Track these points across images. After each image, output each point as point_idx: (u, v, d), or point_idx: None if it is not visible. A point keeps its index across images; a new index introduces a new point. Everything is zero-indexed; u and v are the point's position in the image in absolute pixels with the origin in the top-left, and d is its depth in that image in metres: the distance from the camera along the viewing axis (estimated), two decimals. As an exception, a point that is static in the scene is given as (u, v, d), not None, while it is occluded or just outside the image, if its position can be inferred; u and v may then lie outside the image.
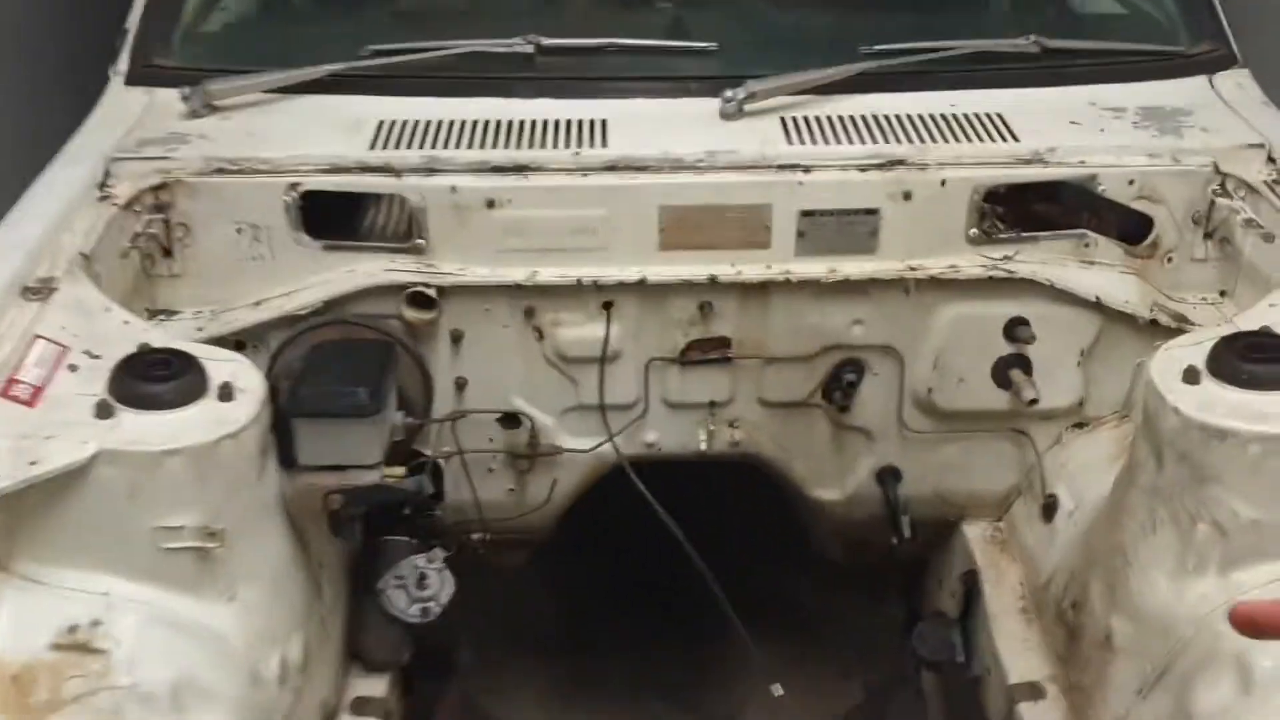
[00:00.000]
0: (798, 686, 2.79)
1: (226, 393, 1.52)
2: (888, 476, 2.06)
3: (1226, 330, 1.56)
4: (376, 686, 1.89)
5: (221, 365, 1.58)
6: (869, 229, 1.83)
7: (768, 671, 2.03)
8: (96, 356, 1.54)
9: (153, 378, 1.49)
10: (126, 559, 1.46)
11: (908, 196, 1.81)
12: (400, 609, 1.85)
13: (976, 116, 1.91)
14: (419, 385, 1.90)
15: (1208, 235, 1.89)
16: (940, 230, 1.84)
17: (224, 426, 1.48)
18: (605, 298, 1.87)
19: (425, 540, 2.01)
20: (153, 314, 1.90)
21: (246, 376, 1.57)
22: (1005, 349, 1.91)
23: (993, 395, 1.94)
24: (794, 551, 2.46)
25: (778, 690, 1.94)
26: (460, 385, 1.95)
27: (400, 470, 1.65)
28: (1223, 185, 1.85)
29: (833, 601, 2.67)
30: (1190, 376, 1.50)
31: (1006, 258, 1.86)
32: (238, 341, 1.87)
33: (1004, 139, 1.87)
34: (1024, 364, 1.91)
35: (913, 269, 1.85)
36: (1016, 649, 1.91)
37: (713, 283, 1.85)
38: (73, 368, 1.53)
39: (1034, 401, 1.87)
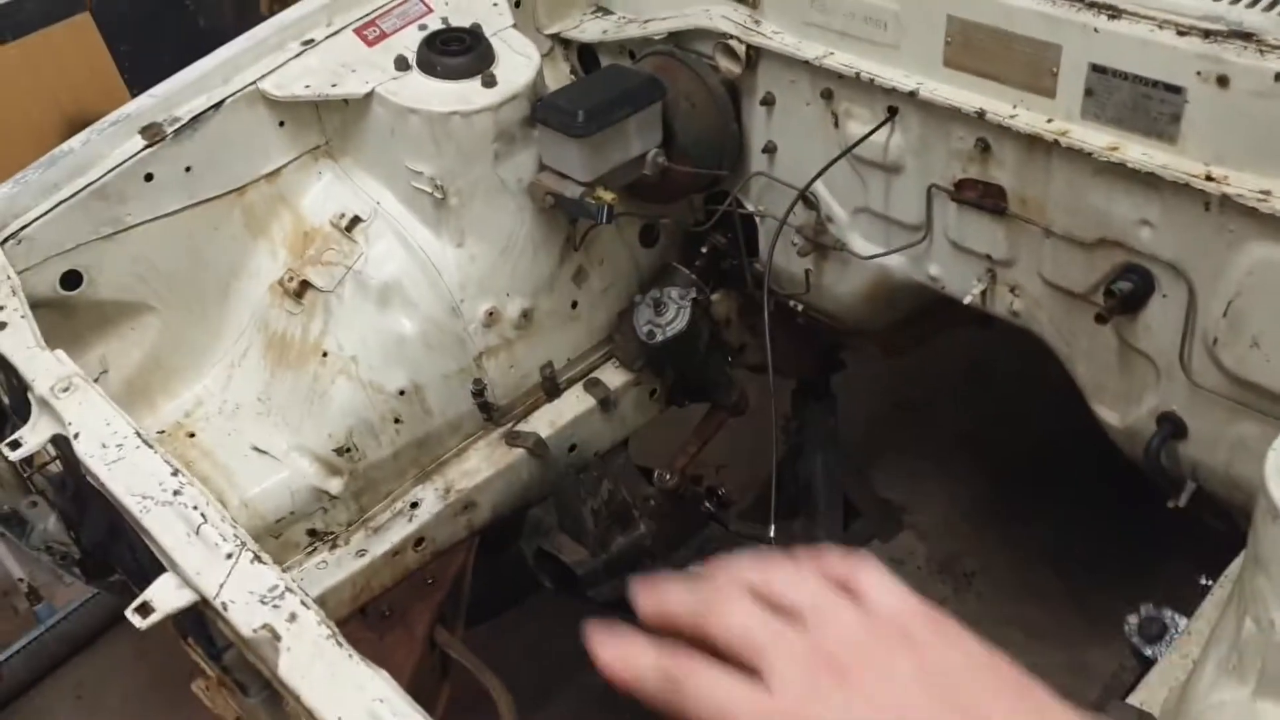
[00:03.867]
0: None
1: (490, 80, 1.83)
2: (1168, 425, 1.67)
3: None
4: (615, 377, 2.17)
5: (511, 58, 1.88)
6: (1170, 111, 1.42)
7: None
8: (445, 23, 1.93)
9: (445, 51, 1.85)
10: (394, 183, 1.91)
11: (1223, 83, 1.36)
12: (638, 322, 2.08)
13: None
14: (728, 138, 1.99)
15: None
16: (1265, 141, 1.36)
17: (460, 105, 1.80)
18: (890, 102, 1.74)
19: (712, 282, 2.19)
20: (596, 8, 2.21)
21: (519, 76, 1.85)
22: (1322, 327, 1.40)
23: (1293, 379, 1.45)
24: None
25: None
26: (769, 150, 1.99)
27: (609, 195, 1.82)
28: None
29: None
30: (1337, 433, 1.05)
31: (1352, 207, 1.32)
32: (630, 51, 2.11)
33: None
34: (1342, 357, 1.39)
35: (1212, 179, 1.41)
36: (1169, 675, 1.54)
37: (981, 118, 1.61)
38: (422, 27, 1.94)
39: (1302, 404, 1.37)
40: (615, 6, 2.16)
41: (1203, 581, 1.61)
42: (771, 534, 1.97)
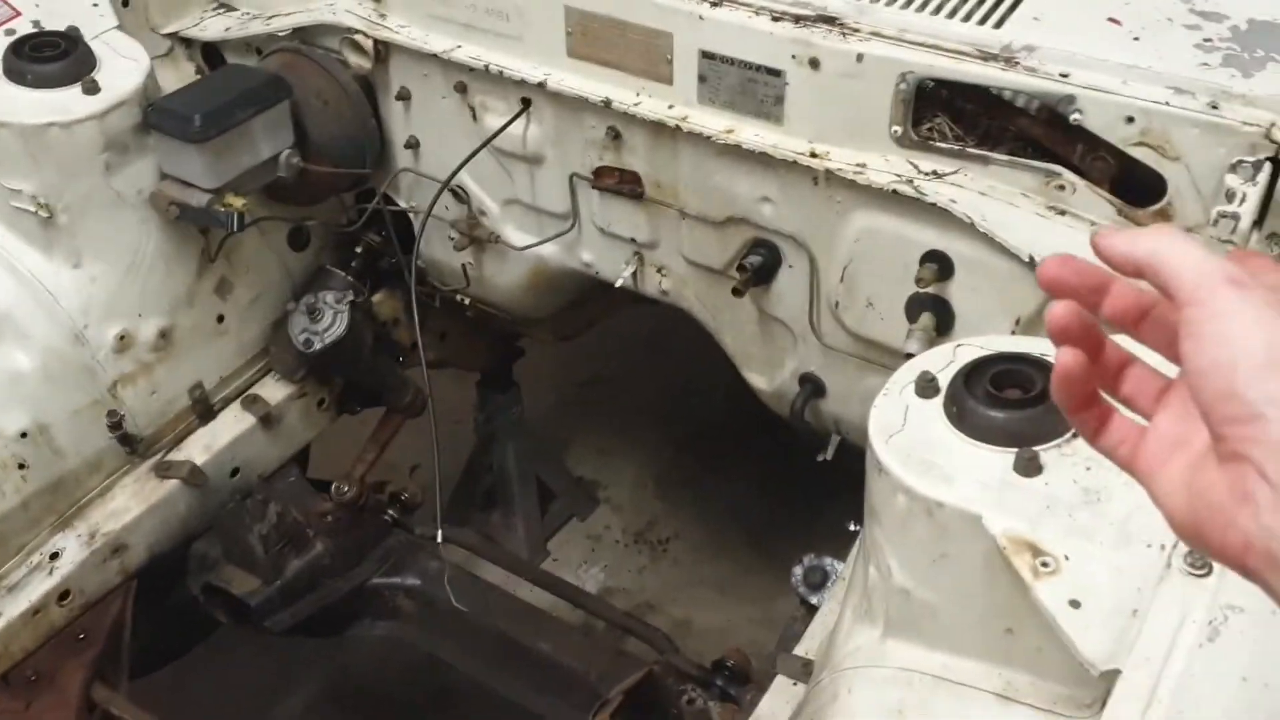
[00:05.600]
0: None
1: (91, 87, 1.67)
2: (808, 385, 1.77)
3: (1008, 346, 1.14)
4: (276, 391, 2.06)
5: (116, 62, 1.73)
6: (774, 94, 1.50)
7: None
8: (37, 27, 1.75)
9: (36, 58, 1.68)
10: (-11, 205, 1.71)
11: (814, 65, 1.44)
12: (293, 331, 1.98)
13: (982, -21, 1.44)
14: (367, 134, 1.93)
15: (1258, 224, 1.32)
16: (856, 118, 1.46)
17: (56, 115, 1.64)
18: (522, 94, 1.74)
19: (371, 281, 2.12)
20: (219, 5, 2.07)
21: (126, 81, 1.70)
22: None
23: (903, 333, 1.57)
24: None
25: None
26: (412, 145, 1.94)
27: (240, 201, 1.71)
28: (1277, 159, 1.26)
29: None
30: (925, 388, 1.14)
31: (935, 174, 1.44)
32: (257, 49, 1.99)
33: (986, 19, 1.40)
34: (941, 310, 1.51)
35: (815, 155, 1.50)
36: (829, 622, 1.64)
37: (608, 107, 1.64)
38: (10, 32, 1.74)
39: (910, 356, 1.49)
40: (238, 3, 2.04)
41: (851, 528, 1.73)
42: (439, 537, 1.94)
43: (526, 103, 1.75)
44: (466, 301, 2.15)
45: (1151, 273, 0.57)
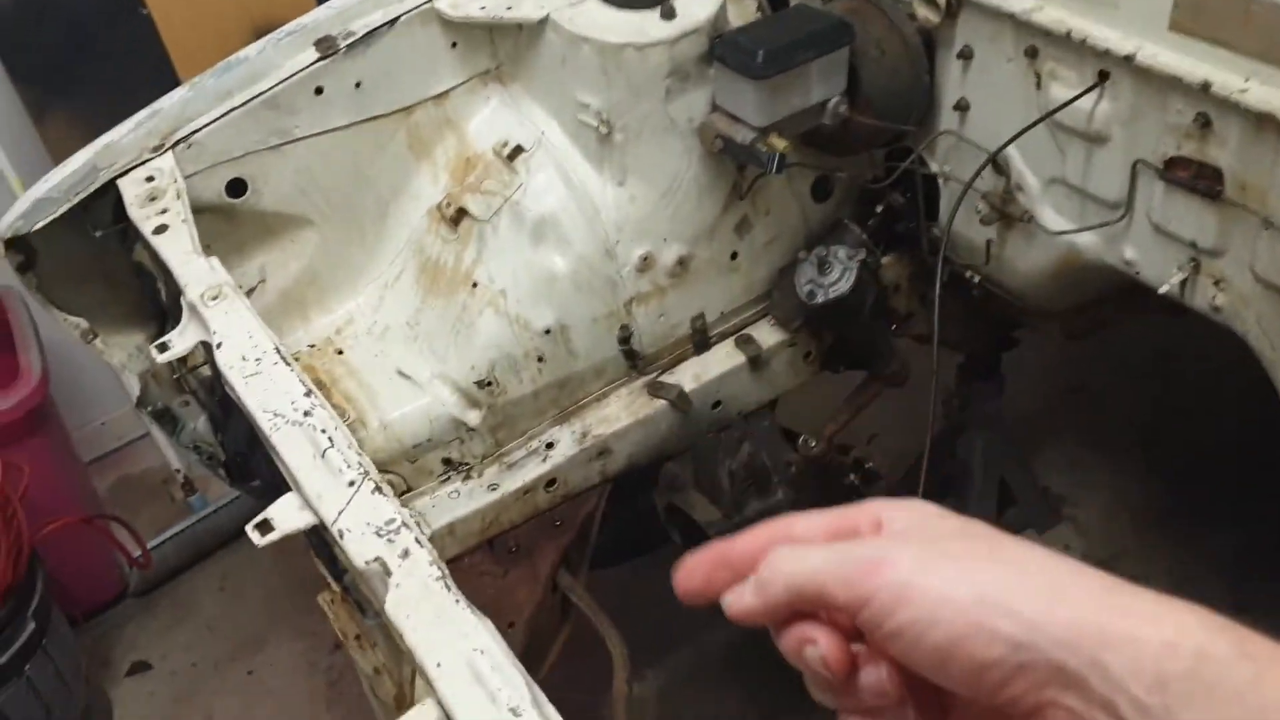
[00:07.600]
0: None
1: (669, 12, 1.74)
2: (1385, 452, 1.48)
3: None
4: (769, 336, 2.07)
5: (693, -9, 1.78)
6: None
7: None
8: (627, -49, 1.85)
9: (623, -18, 1.77)
10: (561, 114, 1.85)
11: None
12: (799, 280, 1.97)
13: None
14: (918, 91, 1.86)
15: None
16: None
17: (633, 36, 1.72)
18: (1101, 65, 1.58)
19: (884, 244, 2.07)
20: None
21: (700, 10, 1.76)
22: None
23: None
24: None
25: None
26: (961, 108, 1.84)
27: (783, 143, 1.71)
28: None
29: None
30: None
31: None
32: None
33: None
34: None
35: None
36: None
37: (1205, 91, 1.44)
38: (599, -46, 1.85)
39: None
40: (810, -56, 2.03)
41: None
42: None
43: (1103, 75, 1.58)
44: (976, 279, 2.04)
45: (808, 606, 0.56)
